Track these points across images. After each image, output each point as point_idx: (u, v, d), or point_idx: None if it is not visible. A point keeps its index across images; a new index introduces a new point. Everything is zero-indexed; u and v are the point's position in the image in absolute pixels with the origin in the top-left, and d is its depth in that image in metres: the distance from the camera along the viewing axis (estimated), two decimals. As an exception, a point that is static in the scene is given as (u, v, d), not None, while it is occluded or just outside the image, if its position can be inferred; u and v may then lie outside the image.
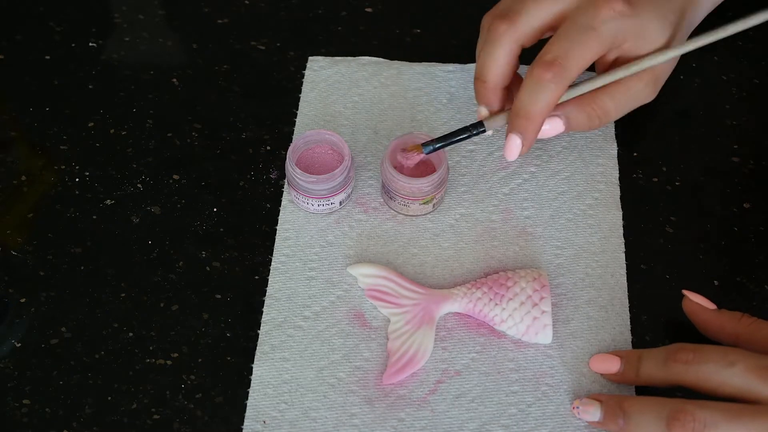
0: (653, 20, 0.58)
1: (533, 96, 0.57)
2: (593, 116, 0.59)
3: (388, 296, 0.60)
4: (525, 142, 0.58)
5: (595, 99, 0.59)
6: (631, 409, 0.53)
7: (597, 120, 0.59)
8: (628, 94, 0.59)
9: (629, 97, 0.59)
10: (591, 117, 0.59)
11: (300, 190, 0.62)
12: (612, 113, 0.60)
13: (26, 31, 0.74)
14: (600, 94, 0.59)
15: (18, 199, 0.65)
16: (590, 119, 0.59)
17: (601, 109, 0.59)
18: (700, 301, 0.57)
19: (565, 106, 0.59)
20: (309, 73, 0.70)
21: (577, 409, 0.55)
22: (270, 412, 0.56)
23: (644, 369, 0.55)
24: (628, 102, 0.60)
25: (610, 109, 0.59)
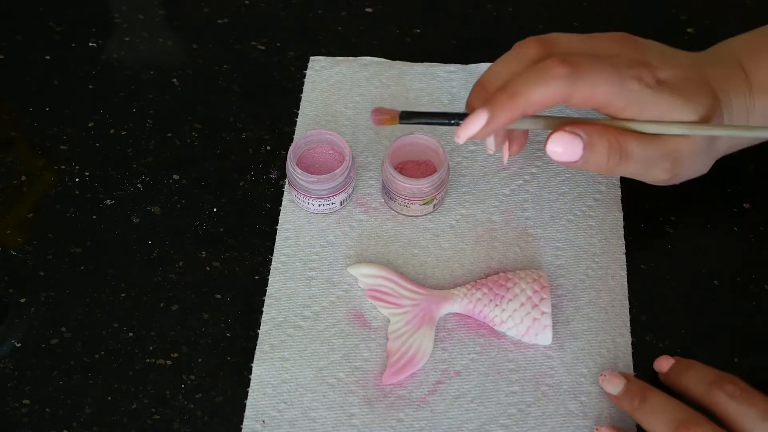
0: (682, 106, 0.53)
1: (533, 81, 0.52)
2: (614, 151, 0.53)
3: (388, 296, 0.60)
4: (491, 123, 0.52)
5: (622, 134, 0.53)
6: (652, 399, 0.53)
7: (617, 157, 0.53)
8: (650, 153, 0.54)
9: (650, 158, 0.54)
10: (612, 151, 0.53)
11: (300, 190, 0.62)
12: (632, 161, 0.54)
13: (26, 31, 0.74)
14: (628, 134, 0.54)
15: (18, 199, 0.65)
16: (610, 154, 0.53)
17: (625, 147, 0.53)
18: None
19: (585, 127, 0.53)
20: (310, 73, 0.70)
21: (603, 377, 0.56)
22: (269, 412, 0.56)
23: (687, 378, 0.54)
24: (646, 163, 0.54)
25: (633, 155, 0.53)
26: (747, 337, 0.59)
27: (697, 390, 0.54)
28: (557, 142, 0.53)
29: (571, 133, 0.53)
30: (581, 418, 0.56)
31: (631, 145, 0.53)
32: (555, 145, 0.53)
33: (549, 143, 0.53)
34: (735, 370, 0.58)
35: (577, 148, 0.53)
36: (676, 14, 0.73)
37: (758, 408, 0.51)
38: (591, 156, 0.53)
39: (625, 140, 0.53)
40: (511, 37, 0.73)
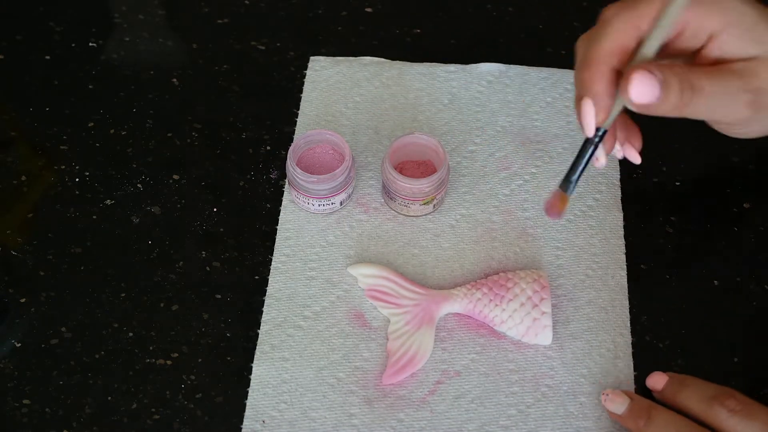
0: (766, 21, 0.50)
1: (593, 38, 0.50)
2: (686, 86, 0.49)
3: (388, 296, 0.60)
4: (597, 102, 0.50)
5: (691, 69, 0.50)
6: (657, 417, 0.53)
7: (689, 93, 0.49)
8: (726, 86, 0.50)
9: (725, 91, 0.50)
10: (683, 87, 0.49)
11: (301, 190, 0.62)
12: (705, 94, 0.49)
13: (26, 31, 0.74)
14: (696, 69, 0.50)
15: (18, 199, 0.65)
16: (682, 90, 0.49)
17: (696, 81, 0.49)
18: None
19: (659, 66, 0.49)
20: (310, 73, 0.70)
21: (605, 396, 0.56)
22: (269, 412, 0.56)
23: (685, 396, 0.54)
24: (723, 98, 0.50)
25: (705, 88, 0.49)
26: (747, 337, 0.59)
27: (696, 407, 0.53)
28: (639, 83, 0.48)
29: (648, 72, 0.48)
30: (581, 419, 0.56)
31: (701, 78, 0.49)
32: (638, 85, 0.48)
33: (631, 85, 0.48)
34: (735, 370, 0.58)
35: (655, 88, 0.48)
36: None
37: (762, 421, 0.51)
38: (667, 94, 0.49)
39: (694, 74, 0.49)
40: (511, 37, 0.73)
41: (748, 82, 0.50)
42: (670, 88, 0.49)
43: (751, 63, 0.50)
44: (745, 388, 0.57)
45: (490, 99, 0.69)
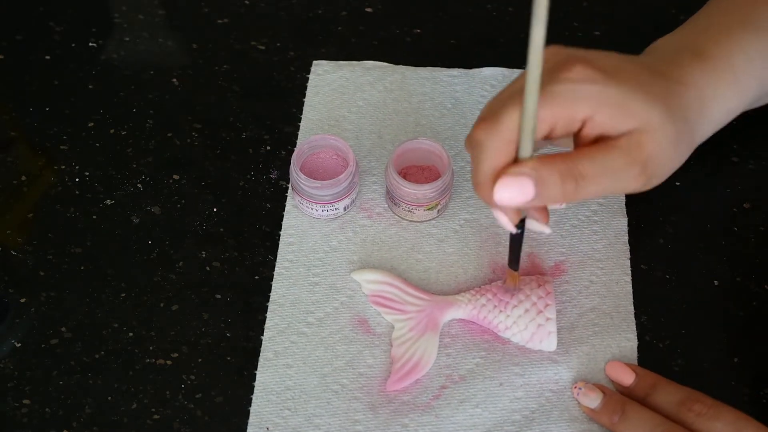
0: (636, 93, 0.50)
1: (473, 160, 0.50)
2: (567, 178, 0.49)
3: (392, 302, 0.60)
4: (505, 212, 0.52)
5: (570, 158, 0.50)
6: (630, 413, 0.54)
7: (572, 184, 0.49)
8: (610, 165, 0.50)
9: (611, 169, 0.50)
10: (565, 179, 0.49)
11: (304, 196, 0.62)
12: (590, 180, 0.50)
13: (26, 31, 0.74)
14: (576, 155, 0.50)
15: (18, 199, 0.65)
16: (564, 182, 0.49)
17: (577, 170, 0.49)
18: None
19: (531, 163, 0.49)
20: (313, 78, 0.70)
21: (578, 390, 0.56)
22: (273, 419, 0.56)
23: (655, 399, 0.55)
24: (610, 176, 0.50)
25: (588, 174, 0.49)
26: (747, 337, 0.59)
27: (665, 410, 0.54)
28: (506, 187, 0.49)
29: (517, 174, 0.49)
30: (586, 423, 0.56)
31: (584, 164, 0.49)
32: (504, 190, 0.49)
33: (496, 191, 0.49)
34: (735, 370, 0.58)
35: (528, 187, 0.49)
36: (676, 14, 0.73)
37: (726, 421, 0.52)
38: (545, 190, 0.49)
39: (575, 162, 0.49)
40: (511, 37, 0.73)
41: (635, 157, 0.50)
42: (547, 183, 0.49)
43: (633, 137, 0.50)
44: (745, 388, 0.57)
45: (493, 103, 0.69)
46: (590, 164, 0.50)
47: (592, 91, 0.49)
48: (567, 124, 0.50)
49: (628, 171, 0.50)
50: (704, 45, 0.57)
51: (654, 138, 0.50)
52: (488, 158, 0.49)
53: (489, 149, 0.49)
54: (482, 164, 0.50)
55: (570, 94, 0.49)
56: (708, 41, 0.58)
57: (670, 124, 0.51)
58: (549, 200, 0.50)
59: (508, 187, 0.49)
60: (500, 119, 0.49)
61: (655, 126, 0.50)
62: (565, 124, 0.50)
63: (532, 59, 0.46)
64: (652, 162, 0.51)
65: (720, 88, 0.56)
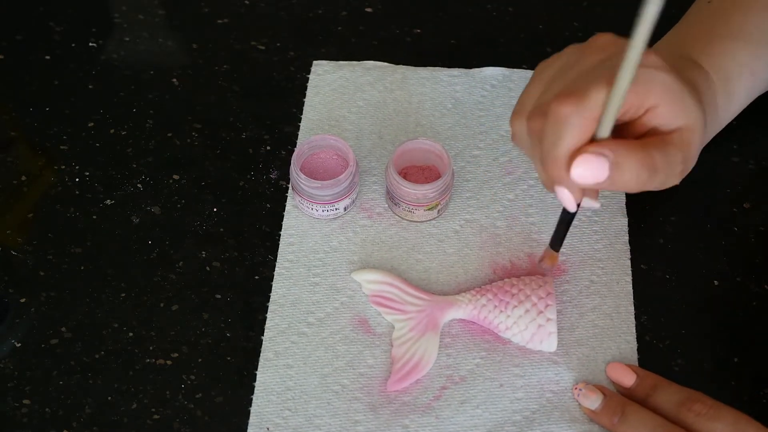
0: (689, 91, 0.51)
1: (553, 137, 0.49)
2: (644, 168, 0.49)
3: (393, 302, 0.60)
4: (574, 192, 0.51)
5: (646, 147, 0.50)
6: (631, 415, 0.54)
7: (646, 174, 0.49)
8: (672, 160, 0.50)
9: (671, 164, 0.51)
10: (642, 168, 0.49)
11: (304, 196, 0.62)
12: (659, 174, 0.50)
13: (26, 31, 0.74)
14: (649, 144, 0.50)
15: (18, 199, 0.65)
16: (640, 171, 0.49)
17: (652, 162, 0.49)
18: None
19: (612, 145, 0.49)
20: (313, 78, 0.70)
21: (579, 391, 0.56)
22: (274, 419, 0.56)
23: (655, 399, 0.55)
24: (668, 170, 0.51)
25: (659, 167, 0.50)
26: (747, 337, 0.59)
27: (665, 411, 0.54)
28: (584, 165, 0.49)
29: (594, 154, 0.48)
30: (587, 423, 0.56)
31: (656, 156, 0.50)
32: (581, 168, 0.49)
33: (574, 167, 0.49)
34: (735, 370, 0.58)
35: (602, 168, 0.49)
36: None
37: (725, 422, 0.52)
38: (618, 175, 0.49)
39: (651, 154, 0.50)
40: (511, 37, 0.73)
41: (684, 153, 0.51)
42: (623, 168, 0.49)
43: (684, 134, 0.51)
44: (745, 388, 0.57)
45: (493, 103, 0.69)
46: (662, 158, 0.50)
47: (665, 80, 0.50)
48: (635, 111, 0.50)
49: (678, 167, 0.51)
50: (698, 56, 0.58)
51: (698, 136, 0.51)
52: (571, 134, 0.49)
53: (574, 125, 0.49)
54: (563, 139, 0.49)
55: (649, 80, 0.49)
56: (700, 52, 0.58)
57: (703, 125, 0.52)
58: (619, 184, 0.50)
59: (587, 164, 0.48)
60: (588, 95, 0.48)
61: (699, 126, 0.51)
62: (634, 110, 0.50)
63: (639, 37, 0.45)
64: (691, 158, 0.52)
65: (718, 100, 0.58)
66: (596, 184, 0.49)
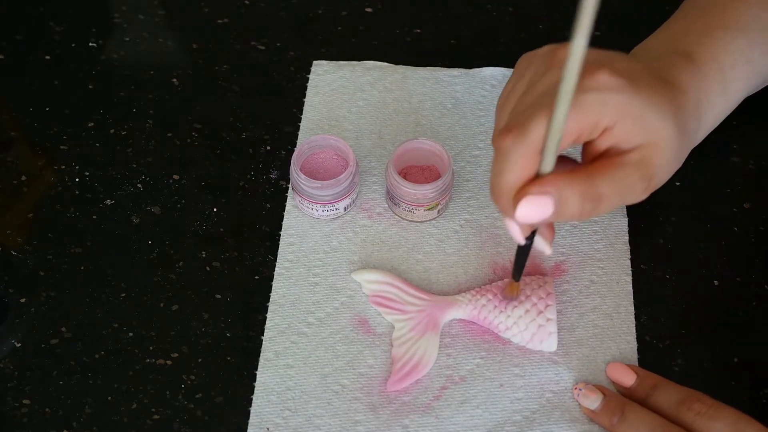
0: (652, 106, 0.50)
1: (496, 168, 0.49)
2: (587, 199, 0.49)
3: (393, 302, 0.60)
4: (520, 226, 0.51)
5: (590, 177, 0.50)
6: (630, 414, 0.54)
7: (590, 205, 0.49)
8: (624, 182, 0.50)
9: (623, 186, 0.50)
10: (584, 200, 0.49)
11: (304, 196, 0.62)
12: (606, 201, 0.50)
13: (26, 31, 0.74)
14: (594, 173, 0.50)
15: (18, 199, 0.65)
16: (583, 203, 0.49)
17: (596, 192, 0.49)
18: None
19: (554, 181, 0.49)
20: (313, 78, 0.70)
21: (578, 391, 0.56)
22: (274, 419, 0.56)
23: (655, 399, 0.55)
24: (621, 193, 0.51)
25: (605, 195, 0.50)
26: (747, 337, 0.59)
27: (665, 410, 0.54)
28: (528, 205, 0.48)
29: (540, 194, 0.48)
30: (587, 423, 0.56)
31: (601, 185, 0.49)
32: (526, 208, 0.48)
33: (519, 208, 0.48)
34: (735, 370, 0.58)
35: (547, 206, 0.48)
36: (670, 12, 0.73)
37: (725, 421, 0.52)
38: (564, 209, 0.49)
39: (594, 183, 0.49)
40: (511, 37, 0.73)
41: (643, 173, 0.50)
42: (567, 203, 0.49)
43: (643, 151, 0.50)
44: (745, 388, 0.57)
45: (493, 103, 0.69)
46: (608, 184, 0.49)
47: (619, 100, 0.48)
48: (589, 135, 0.50)
49: (638, 186, 0.50)
50: (691, 48, 0.57)
51: (662, 153, 0.50)
52: (513, 169, 0.48)
53: (515, 160, 0.48)
54: (506, 175, 0.49)
55: (598, 104, 0.48)
56: (693, 44, 0.57)
57: (676, 139, 0.51)
58: (565, 218, 0.50)
59: (530, 205, 0.48)
60: (529, 129, 0.48)
61: (664, 141, 0.50)
62: (588, 134, 0.50)
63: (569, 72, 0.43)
64: (657, 175, 0.51)
65: (712, 94, 0.56)
66: (542, 221, 0.49)
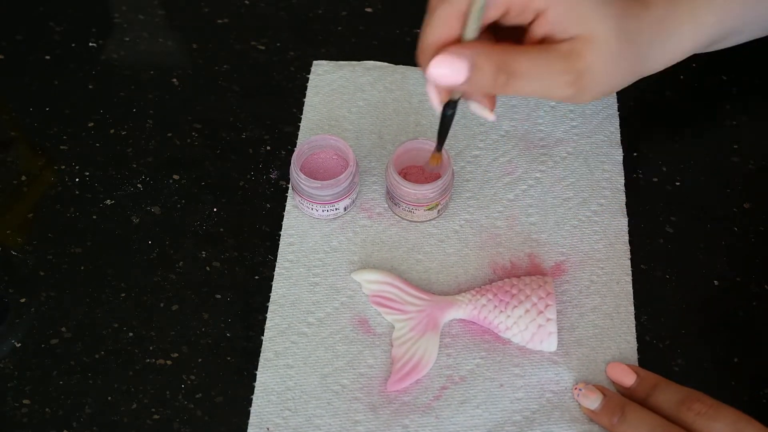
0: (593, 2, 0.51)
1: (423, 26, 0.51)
2: (501, 70, 0.50)
3: (393, 302, 0.60)
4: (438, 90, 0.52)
5: (509, 52, 0.50)
6: (630, 414, 0.54)
7: (504, 77, 0.50)
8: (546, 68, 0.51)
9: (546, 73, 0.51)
10: (498, 71, 0.50)
11: (304, 196, 0.62)
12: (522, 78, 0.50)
13: (26, 31, 0.74)
14: (518, 50, 0.51)
15: (18, 199, 0.65)
16: (496, 75, 0.50)
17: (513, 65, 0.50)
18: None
19: (473, 46, 0.50)
20: (313, 78, 0.70)
21: (578, 391, 0.56)
22: (274, 419, 0.56)
23: (656, 399, 0.55)
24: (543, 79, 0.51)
25: (523, 72, 0.50)
26: (747, 337, 0.59)
27: (666, 410, 0.54)
28: (441, 64, 0.50)
29: (455, 55, 0.49)
30: (587, 424, 0.56)
31: (521, 61, 0.50)
32: (438, 67, 0.50)
33: (431, 66, 0.50)
34: (735, 370, 0.58)
35: (462, 70, 0.50)
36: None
37: (725, 421, 0.52)
38: (477, 77, 0.50)
39: (514, 58, 0.50)
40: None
41: (571, 64, 0.51)
42: (481, 71, 0.50)
43: (576, 43, 0.50)
44: (745, 388, 0.57)
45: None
46: (527, 62, 0.50)
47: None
48: (519, 13, 0.51)
49: (561, 77, 0.51)
50: None
51: (595, 50, 0.51)
52: (435, 27, 0.50)
53: (438, 18, 0.50)
54: (429, 31, 0.50)
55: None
56: None
57: (615, 40, 0.51)
58: (478, 88, 0.51)
59: (442, 64, 0.50)
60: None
61: (600, 38, 0.50)
62: (518, 12, 0.51)
63: None
64: (587, 74, 0.51)
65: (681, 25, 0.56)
66: (457, 86, 0.50)
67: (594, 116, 0.68)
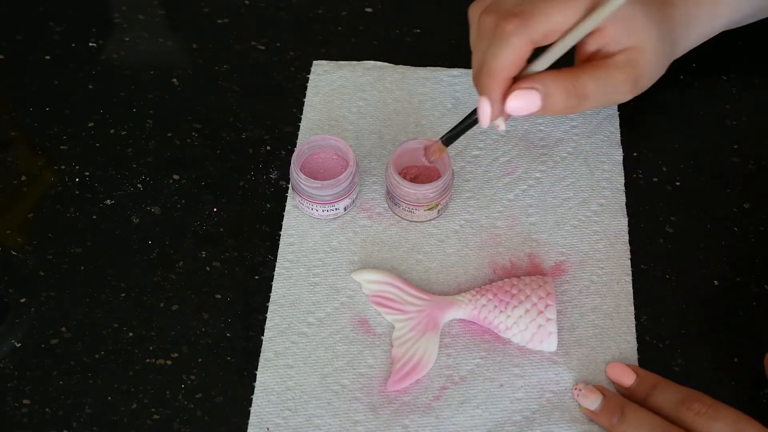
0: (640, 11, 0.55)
1: (494, 49, 0.53)
2: (571, 95, 0.54)
3: (393, 302, 0.60)
4: (493, 105, 0.54)
5: (576, 76, 0.55)
6: (630, 415, 0.54)
7: (575, 100, 0.55)
8: (609, 82, 0.55)
9: (609, 86, 0.56)
10: (569, 96, 0.54)
11: (304, 196, 0.62)
12: (590, 98, 0.55)
13: (26, 31, 0.74)
14: (581, 73, 0.55)
15: (18, 199, 0.65)
16: (568, 98, 0.54)
17: (581, 89, 0.55)
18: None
19: (542, 78, 0.54)
20: (313, 78, 0.70)
21: (578, 391, 0.56)
22: (274, 419, 0.56)
23: (655, 399, 0.55)
24: (607, 92, 0.56)
25: (590, 93, 0.55)
26: (747, 337, 0.59)
27: (665, 410, 0.54)
28: (516, 99, 0.53)
29: (527, 89, 0.53)
30: (587, 424, 0.56)
31: (587, 83, 0.55)
32: (515, 101, 0.53)
33: (509, 101, 0.54)
34: (735, 370, 0.58)
35: (535, 100, 0.54)
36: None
37: (725, 421, 0.52)
38: (549, 104, 0.54)
39: (579, 81, 0.55)
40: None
41: (629, 74, 0.55)
42: (552, 98, 0.54)
43: (630, 54, 0.55)
44: (745, 388, 0.57)
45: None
46: (592, 82, 0.55)
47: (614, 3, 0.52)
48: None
49: (623, 87, 0.56)
50: None
51: (647, 56, 0.56)
52: (509, 55, 0.53)
53: (513, 46, 0.53)
54: (500, 55, 0.53)
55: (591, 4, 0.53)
56: None
57: (659, 43, 0.56)
58: (552, 112, 0.55)
59: (520, 99, 0.53)
60: (534, 19, 0.52)
61: (649, 46, 0.55)
62: None
63: None
64: (642, 78, 0.57)
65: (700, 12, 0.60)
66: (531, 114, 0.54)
67: (594, 116, 0.68)
